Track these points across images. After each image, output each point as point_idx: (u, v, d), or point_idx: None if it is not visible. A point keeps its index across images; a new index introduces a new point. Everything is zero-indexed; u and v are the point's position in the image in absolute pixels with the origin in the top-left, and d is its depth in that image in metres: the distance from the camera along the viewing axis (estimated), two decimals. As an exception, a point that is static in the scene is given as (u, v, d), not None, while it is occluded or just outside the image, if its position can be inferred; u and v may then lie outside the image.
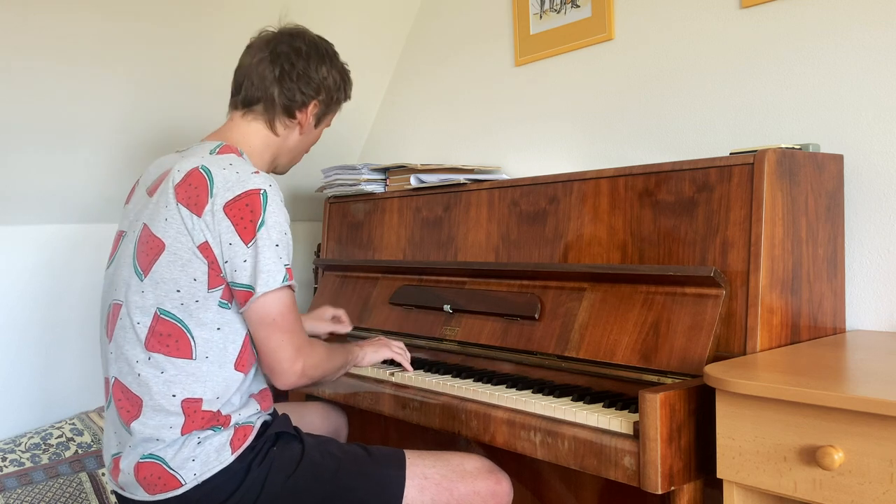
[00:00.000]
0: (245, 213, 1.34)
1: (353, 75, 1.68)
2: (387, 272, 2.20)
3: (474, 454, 1.53)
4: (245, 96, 1.55)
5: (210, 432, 1.35)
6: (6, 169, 2.08)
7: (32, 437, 2.14)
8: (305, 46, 1.56)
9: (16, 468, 2.03)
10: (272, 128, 1.55)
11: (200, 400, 1.35)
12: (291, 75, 1.53)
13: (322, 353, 1.47)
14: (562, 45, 2.20)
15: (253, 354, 1.42)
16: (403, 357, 1.79)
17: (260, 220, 1.35)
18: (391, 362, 1.83)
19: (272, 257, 1.35)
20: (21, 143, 2.06)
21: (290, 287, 1.38)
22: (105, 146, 2.23)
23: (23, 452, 2.07)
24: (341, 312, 2.04)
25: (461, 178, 2.05)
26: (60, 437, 2.16)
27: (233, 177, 1.37)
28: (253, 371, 1.44)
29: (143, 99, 2.21)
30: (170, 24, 2.15)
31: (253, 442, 1.38)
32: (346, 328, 2.03)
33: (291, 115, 1.56)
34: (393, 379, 1.76)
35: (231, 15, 2.22)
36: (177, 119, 2.32)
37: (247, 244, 1.34)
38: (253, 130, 1.55)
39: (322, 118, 1.63)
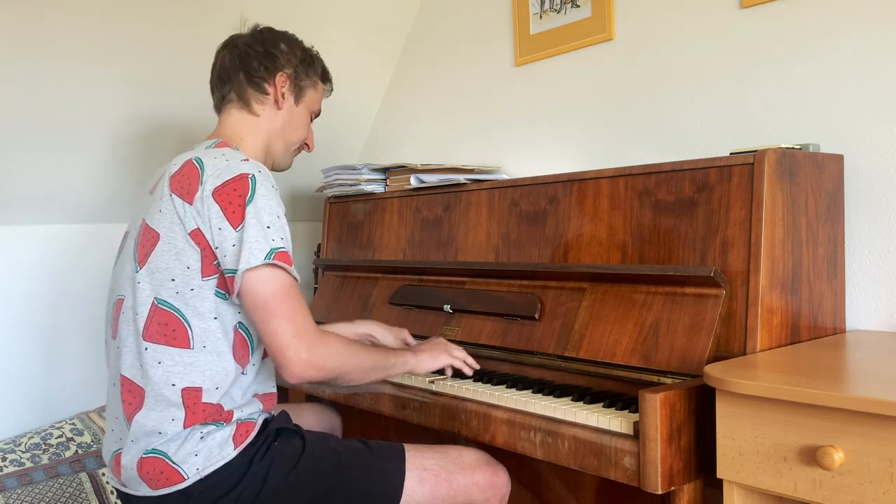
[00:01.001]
0: (233, 197, 1.35)
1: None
2: (387, 272, 2.20)
3: (472, 447, 1.54)
4: (218, 94, 1.61)
5: (213, 427, 1.35)
6: (7, 169, 2.08)
7: (32, 437, 2.14)
8: (262, 33, 1.63)
9: (16, 468, 2.03)
10: (250, 109, 1.58)
11: (200, 389, 1.35)
12: (251, 55, 1.58)
13: (339, 345, 1.39)
14: (562, 45, 2.20)
15: (248, 348, 1.42)
16: (465, 365, 1.65)
17: (248, 204, 1.34)
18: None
19: (256, 236, 1.32)
20: (22, 144, 2.06)
21: (279, 267, 1.33)
22: (106, 146, 2.23)
23: (23, 452, 2.07)
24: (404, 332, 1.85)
25: (461, 178, 2.05)
26: (60, 437, 2.16)
27: (222, 164, 1.39)
28: (256, 368, 1.44)
29: (144, 99, 2.21)
30: (170, 23, 2.15)
31: (255, 438, 1.39)
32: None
33: (262, 91, 1.58)
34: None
35: (231, 15, 2.21)
36: (178, 118, 2.32)
37: (235, 228, 1.33)
38: (237, 121, 1.58)
39: (300, 95, 1.63)
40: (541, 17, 2.25)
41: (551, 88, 2.25)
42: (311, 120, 1.71)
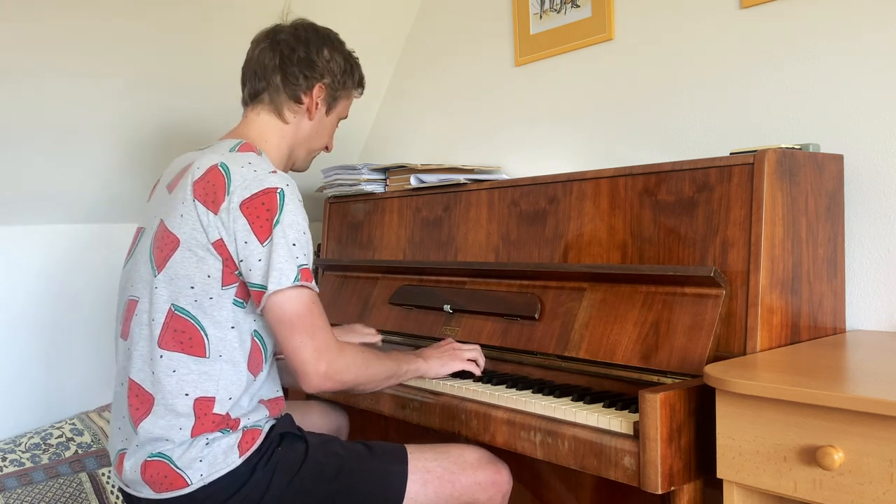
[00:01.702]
0: (261, 211, 1.33)
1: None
2: (387, 272, 2.20)
3: (473, 446, 1.54)
4: (251, 89, 1.56)
5: (219, 434, 1.35)
6: (8, 169, 2.08)
7: (32, 437, 2.14)
8: (305, 32, 1.57)
9: (16, 468, 2.03)
10: (280, 116, 1.55)
11: (213, 399, 1.34)
12: (292, 59, 1.53)
13: (355, 357, 1.41)
14: (562, 45, 2.20)
15: (262, 356, 1.41)
16: (477, 367, 1.65)
17: (276, 219, 1.33)
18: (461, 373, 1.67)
19: (285, 255, 1.32)
20: (23, 144, 2.06)
21: (305, 287, 1.34)
22: (106, 147, 2.23)
23: (23, 452, 2.08)
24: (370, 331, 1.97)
25: (461, 178, 2.05)
26: (60, 437, 2.16)
27: (250, 175, 1.36)
28: (264, 375, 1.43)
29: (145, 98, 2.21)
30: (171, 25, 2.15)
31: (260, 445, 1.38)
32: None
33: (297, 101, 1.55)
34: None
35: (232, 15, 2.21)
36: (180, 118, 2.32)
37: (262, 243, 1.33)
38: (265, 123, 1.55)
39: (332, 105, 1.61)
40: (541, 17, 2.25)
41: (551, 88, 2.25)
42: (337, 125, 1.69)
